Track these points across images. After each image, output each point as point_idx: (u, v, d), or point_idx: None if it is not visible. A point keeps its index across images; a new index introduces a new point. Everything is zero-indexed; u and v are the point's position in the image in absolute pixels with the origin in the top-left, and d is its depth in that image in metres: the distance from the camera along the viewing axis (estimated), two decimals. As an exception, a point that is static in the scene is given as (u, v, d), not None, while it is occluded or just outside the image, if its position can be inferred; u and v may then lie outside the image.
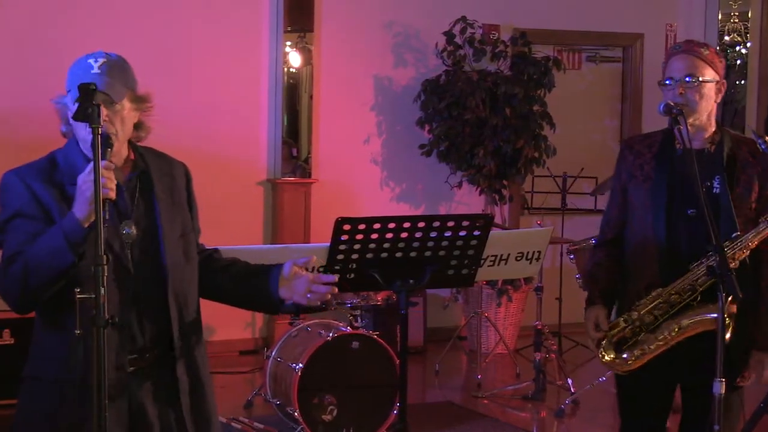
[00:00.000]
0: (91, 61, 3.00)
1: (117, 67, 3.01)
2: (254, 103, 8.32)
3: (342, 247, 3.51)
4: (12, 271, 2.89)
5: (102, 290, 2.66)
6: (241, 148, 8.18)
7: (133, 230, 2.98)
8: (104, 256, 2.67)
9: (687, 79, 3.67)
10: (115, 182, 2.80)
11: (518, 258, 4.05)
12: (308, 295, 3.10)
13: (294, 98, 8.73)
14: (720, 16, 9.84)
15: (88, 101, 2.73)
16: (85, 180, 2.78)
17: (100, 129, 2.73)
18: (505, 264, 4.06)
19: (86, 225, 2.80)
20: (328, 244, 3.52)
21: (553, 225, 7.46)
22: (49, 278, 2.84)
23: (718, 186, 3.70)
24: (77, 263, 2.83)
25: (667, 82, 3.70)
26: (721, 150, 3.73)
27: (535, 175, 8.71)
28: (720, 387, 3.41)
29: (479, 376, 7.58)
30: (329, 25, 8.60)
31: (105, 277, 2.67)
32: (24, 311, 2.94)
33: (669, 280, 3.66)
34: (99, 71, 2.95)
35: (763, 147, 3.56)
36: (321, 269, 3.64)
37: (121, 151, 3.03)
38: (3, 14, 7.56)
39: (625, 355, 3.70)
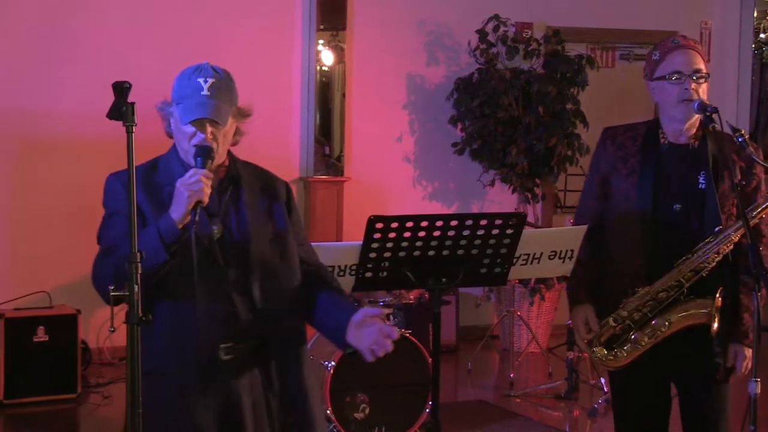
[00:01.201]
0: (201, 81, 3.11)
1: (224, 87, 3.16)
2: (287, 102, 8.34)
3: (374, 245, 3.51)
4: (107, 264, 3.00)
5: (135, 288, 2.69)
6: (273, 147, 8.20)
7: (217, 228, 3.11)
8: (138, 254, 2.70)
9: (696, 74, 3.65)
10: (210, 189, 2.97)
11: (551, 257, 4.02)
12: (373, 347, 3.14)
13: (326, 97, 8.74)
14: (755, 14, 9.77)
15: (123, 100, 2.74)
16: (184, 183, 2.94)
17: (134, 127, 2.75)
18: (538, 263, 4.03)
19: (181, 226, 2.94)
20: (361, 242, 3.52)
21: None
22: (151, 276, 2.92)
23: (703, 182, 3.69)
24: (170, 261, 2.95)
25: (675, 76, 3.66)
26: (704, 146, 3.70)
27: (568, 174, 8.68)
28: (756, 387, 3.40)
29: (512, 375, 7.56)
30: (362, 24, 8.60)
31: (138, 275, 2.71)
32: (115, 304, 2.98)
33: (654, 276, 3.65)
34: (209, 93, 3.09)
35: (740, 140, 3.54)
36: (353, 268, 3.65)
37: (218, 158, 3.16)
38: (33, 15, 7.61)
39: (616, 352, 3.72)
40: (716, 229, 3.60)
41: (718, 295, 3.58)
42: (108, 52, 7.67)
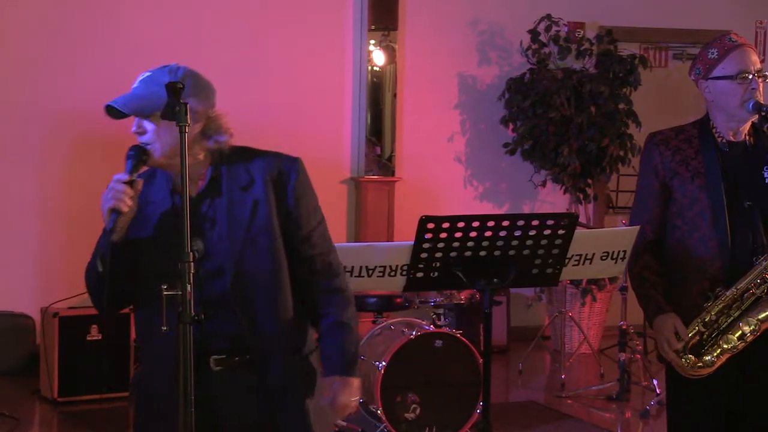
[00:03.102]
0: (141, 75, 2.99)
1: (157, 82, 2.89)
2: (338, 102, 8.37)
3: (426, 245, 3.51)
4: (99, 245, 2.98)
5: (188, 287, 2.69)
6: (325, 147, 8.24)
7: (198, 249, 2.89)
8: (191, 254, 2.70)
9: (759, 72, 3.63)
10: (132, 198, 2.85)
11: (603, 257, 4.00)
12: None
13: (378, 97, 8.75)
14: (811, 12, 9.66)
15: (177, 99, 2.75)
16: (105, 191, 2.86)
17: (187, 128, 2.75)
18: (590, 263, 4.00)
19: (115, 238, 2.85)
20: (412, 242, 3.52)
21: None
22: (91, 287, 2.95)
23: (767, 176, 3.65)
24: (103, 274, 2.89)
25: (742, 75, 3.62)
26: (760, 142, 3.68)
27: (621, 174, 8.63)
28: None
29: (563, 376, 7.53)
30: (413, 24, 8.61)
31: (191, 274, 2.70)
32: (102, 313, 2.99)
33: (734, 276, 3.58)
34: (136, 85, 2.96)
35: None
36: (404, 268, 3.64)
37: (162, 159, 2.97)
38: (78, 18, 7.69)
39: (705, 358, 3.60)
40: None
41: None
42: (154, 51, 7.73)
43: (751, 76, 3.60)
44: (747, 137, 3.71)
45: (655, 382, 7.04)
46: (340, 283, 3.15)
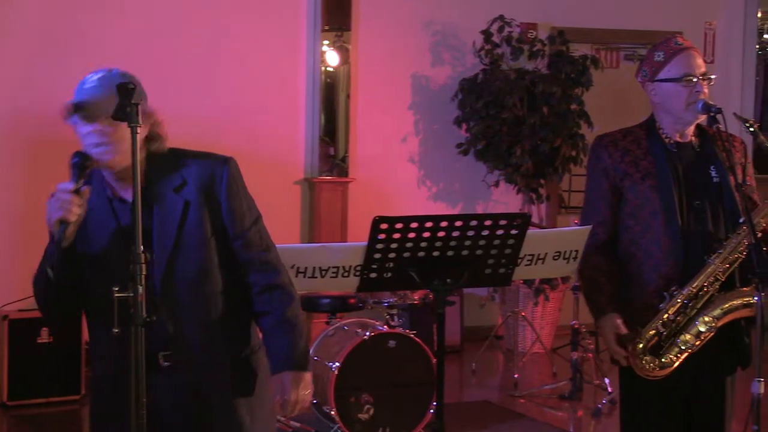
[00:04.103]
0: (90, 76, 2.96)
1: (109, 84, 2.88)
2: (291, 102, 8.35)
3: (379, 246, 3.51)
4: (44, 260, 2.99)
5: (140, 289, 2.68)
6: (278, 147, 8.22)
7: (142, 252, 2.81)
8: (142, 255, 2.68)
9: (704, 75, 3.68)
10: (80, 206, 2.82)
11: (555, 257, 4.01)
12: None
13: (331, 97, 8.74)
14: (759, 14, 9.77)
15: (128, 101, 2.73)
16: (50, 200, 2.83)
17: (138, 129, 2.74)
18: (542, 263, 4.02)
19: (64, 245, 2.83)
20: (366, 243, 3.52)
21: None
22: (40, 296, 2.91)
23: (716, 175, 3.70)
24: (53, 282, 2.87)
25: (686, 78, 3.66)
26: (706, 143, 3.74)
27: (573, 174, 8.68)
28: (759, 387, 3.40)
29: (516, 376, 7.56)
30: (367, 24, 8.61)
31: (143, 276, 2.68)
32: (52, 322, 2.96)
33: (688, 275, 3.61)
34: (89, 86, 2.92)
35: (751, 130, 3.56)
36: (357, 268, 3.64)
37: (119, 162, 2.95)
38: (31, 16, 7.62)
39: (665, 359, 3.62)
40: (740, 220, 3.59)
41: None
42: (111, 52, 7.67)
43: (695, 80, 3.65)
44: (693, 138, 3.76)
45: (606, 380, 7.08)
46: (280, 279, 3.13)
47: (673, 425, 3.75)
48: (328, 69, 8.62)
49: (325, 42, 8.52)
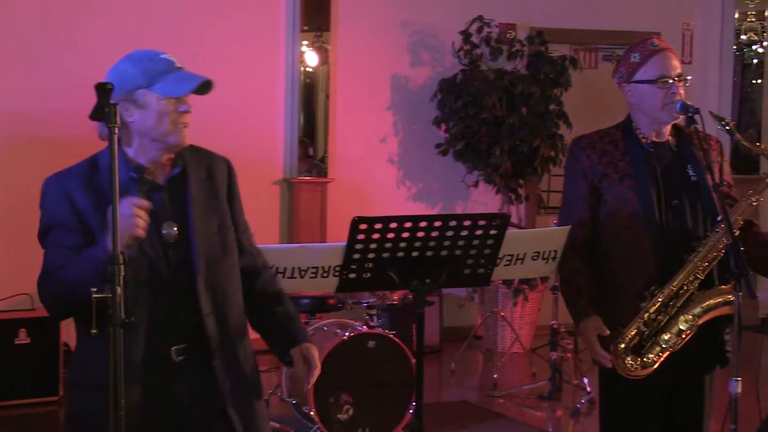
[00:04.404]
0: (166, 56, 3.11)
1: None
2: (271, 103, 8.33)
3: (358, 246, 3.51)
4: (48, 285, 2.93)
5: (118, 289, 2.65)
6: (257, 148, 8.20)
7: (174, 230, 3.01)
8: (121, 256, 2.66)
9: (680, 77, 3.70)
10: (147, 221, 2.83)
11: (534, 257, 4.02)
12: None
13: (310, 97, 8.74)
14: (737, 15, 9.82)
15: (106, 101, 2.72)
16: (122, 215, 2.74)
17: (116, 129, 2.72)
18: (521, 263, 4.03)
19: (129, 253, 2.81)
20: (345, 243, 3.52)
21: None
22: (82, 302, 2.76)
23: (693, 174, 3.72)
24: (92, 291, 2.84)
25: (662, 80, 3.68)
26: (682, 142, 3.77)
27: (552, 174, 8.70)
28: (736, 386, 3.41)
29: (495, 376, 7.57)
30: (346, 25, 8.61)
31: (121, 277, 2.66)
32: (62, 320, 2.92)
33: (667, 274, 3.63)
34: (183, 67, 3.11)
35: (727, 129, 3.59)
36: (336, 269, 3.64)
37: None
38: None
39: (647, 358, 3.63)
40: (717, 218, 3.60)
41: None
42: (92, 53, 7.64)
43: (671, 81, 3.67)
44: (669, 137, 3.79)
45: (585, 380, 7.10)
46: (271, 275, 3.38)
47: (653, 424, 3.76)
48: (307, 69, 8.62)
49: (305, 42, 8.51)
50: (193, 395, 3.04)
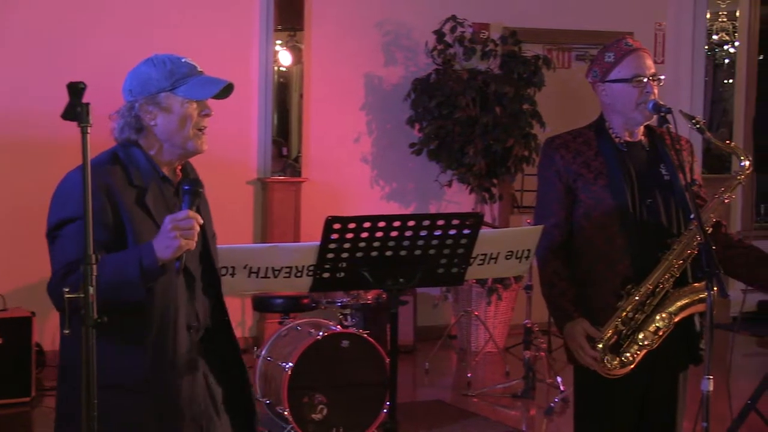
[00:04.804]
0: (188, 61, 3.20)
1: None
2: (244, 102, 8.31)
3: (332, 246, 3.51)
4: (71, 282, 2.76)
5: (90, 289, 2.64)
6: (231, 147, 8.17)
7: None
8: (93, 256, 2.65)
9: (654, 76, 3.71)
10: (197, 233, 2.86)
11: (508, 256, 4.02)
12: None
13: (284, 97, 8.72)
14: (708, 15, 9.87)
15: (78, 100, 2.70)
16: (177, 225, 2.79)
17: (89, 128, 2.71)
18: (495, 262, 4.03)
19: (161, 264, 2.82)
20: (318, 243, 3.52)
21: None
22: (113, 306, 2.75)
23: (666, 173, 3.74)
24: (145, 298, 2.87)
25: (637, 79, 3.69)
26: (654, 141, 3.79)
27: (525, 174, 8.71)
28: (708, 384, 3.43)
29: (469, 375, 7.58)
30: (319, 24, 8.60)
31: (93, 277, 2.64)
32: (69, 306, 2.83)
33: (643, 273, 3.65)
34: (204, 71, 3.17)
35: (697, 127, 3.62)
36: (310, 268, 3.64)
37: None
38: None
39: (625, 356, 3.63)
40: (690, 216, 3.62)
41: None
42: (62, 50, 7.61)
43: (646, 80, 3.69)
44: (642, 137, 3.81)
45: (559, 379, 7.13)
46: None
47: (628, 422, 3.77)
48: (280, 69, 8.61)
49: (278, 42, 8.50)
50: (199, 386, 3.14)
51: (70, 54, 7.58)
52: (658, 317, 3.64)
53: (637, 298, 3.63)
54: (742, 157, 3.78)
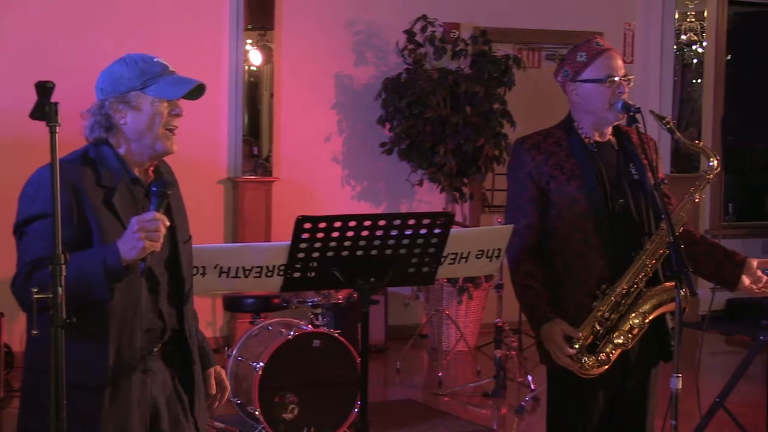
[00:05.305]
0: (160, 60, 3.15)
1: None
2: (215, 102, 8.29)
3: (303, 245, 3.50)
4: (37, 278, 2.78)
5: (59, 290, 2.62)
6: (201, 147, 8.15)
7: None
8: (62, 256, 2.63)
9: (625, 77, 3.73)
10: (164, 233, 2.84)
11: (479, 256, 4.04)
12: None
13: (255, 96, 8.71)
14: (677, 15, 9.92)
15: (46, 99, 2.68)
16: (143, 225, 2.77)
17: (57, 127, 2.68)
18: (466, 262, 4.05)
19: (125, 264, 2.80)
20: (289, 242, 3.51)
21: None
22: (77, 304, 2.73)
23: (636, 173, 3.76)
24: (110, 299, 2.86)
25: (610, 80, 3.71)
26: (623, 141, 3.81)
27: (496, 173, 8.73)
28: (677, 383, 3.45)
29: (440, 374, 7.59)
30: (290, 23, 8.59)
31: (62, 277, 2.63)
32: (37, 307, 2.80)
33: (617, 273, 3.66)
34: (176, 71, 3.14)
35: (666, 127, 3.65)
36: (281, 268, 3.63)
37: None
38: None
39: (601, 357, 3.64)
40: (662, 216, 3.63)
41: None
42: (30, 49, 7.57)
43: (617, 80, 3.70)
44: (611, 137, 3.82)
45: (530, 378, 7.15)
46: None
47: (599, 418, 3.78)
48: (251, 68, 8.59)
49: (249, 41, 8.48)
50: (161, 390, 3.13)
51: (42, 54, 7.54)
52: (632, 316, 3.65)
53: (612, 298, 3.64)
54: (710, 157, 3.80)
